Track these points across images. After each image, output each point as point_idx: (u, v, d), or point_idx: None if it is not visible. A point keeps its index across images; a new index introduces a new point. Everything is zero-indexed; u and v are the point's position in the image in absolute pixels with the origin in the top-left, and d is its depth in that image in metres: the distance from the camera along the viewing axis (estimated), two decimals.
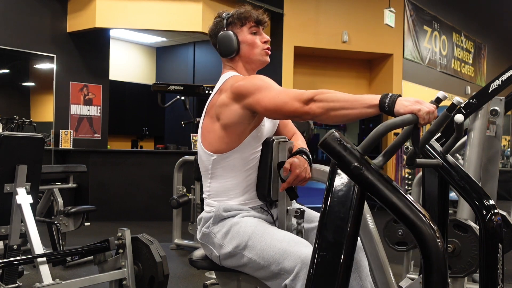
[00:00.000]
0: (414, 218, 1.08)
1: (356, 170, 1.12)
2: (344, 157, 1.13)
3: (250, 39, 1.82)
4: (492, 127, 2.62)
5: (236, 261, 1.69)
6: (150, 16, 6.38)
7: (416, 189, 3.64)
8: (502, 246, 1.95)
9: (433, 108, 1.28)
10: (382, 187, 1.12)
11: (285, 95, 1.57)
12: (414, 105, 1.27)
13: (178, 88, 4.32)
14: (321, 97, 1.47)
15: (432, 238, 1.06)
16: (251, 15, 1.81)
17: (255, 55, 1.83)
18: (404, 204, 1.10)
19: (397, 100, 1.30)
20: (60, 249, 3.63)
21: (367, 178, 1.12)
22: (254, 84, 1.65)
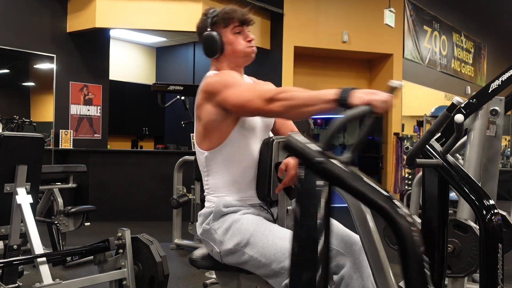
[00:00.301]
0: (382, 202, 1.09)
1: (319, 165, 1.14)
2: (307, 154, 1.16)
3: (233, 39, 1.82)
4: (492, 127, 2.62)
5: (237, 258, 1.69)
6: (150, 16, 6.38)
7: (416, 189, 3.64)
8: (502, 246, 1.95)
9: (388, 97, 1.31)
10: (346, 178, 1.13)
11: (249, 93, 1.61)
12: (369, 96, 1.31)
13: (178, 88, 4.32)
14: (281, 96, 1.50)
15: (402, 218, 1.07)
16: (235, 16, 1.81)
17: (238, 55, 1.84)
18: (370, 191, 1.11)
19: (352, 92, 1.34)
20: (60, 249, 3.63)
21: (330, 171, 1.14)
22: (221, 81, 1.69)
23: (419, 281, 1.06)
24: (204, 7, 6.20)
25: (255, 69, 8.35)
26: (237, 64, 1.87)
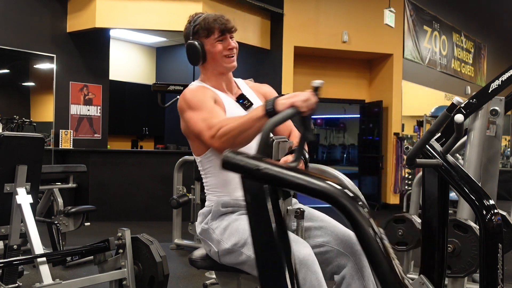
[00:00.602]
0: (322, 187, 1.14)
1: (258, 172, 1.20)
2: (243, 166, 1.22)
3: (213, 49, 1.84)
4: (492, 127, 2.62)
5: (234, 258, 1.69)
6: (150, 16, 6.38)
7: (416, 189, 3.64)
8: (502, 246, 1.95)
9: (309, 95, 1.39)
10: (284, 175, 1.18)
11: (201, 125, 1.67)
12: (290, 99, 1.40)
13: (178, 88, 4.32)
14: (220, 132, 1.58)
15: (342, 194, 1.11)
16: (215, 26, 1.82)
17: (219, 62, 1.86)
18: (311, 180, 1.16)
19: (276, 101, 1.43)
20: (60, 249, 3.63)
21: (269, 175, 1.19)
22: (187, 102, 1.75)
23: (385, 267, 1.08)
24: (204, 7, 6.21)
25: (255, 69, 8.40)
26: (221, 71, 1.89)
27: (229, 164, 1.23)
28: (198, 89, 1.82)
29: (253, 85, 2.06)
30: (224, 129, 1.57)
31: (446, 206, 2.18)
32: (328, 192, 1.12)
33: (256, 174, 1.20)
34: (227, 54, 1.85)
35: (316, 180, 1.15)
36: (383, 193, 8.31)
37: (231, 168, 1.24)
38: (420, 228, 2.76)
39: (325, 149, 18.58)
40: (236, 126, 1.55)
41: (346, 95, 8.69)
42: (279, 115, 1.35)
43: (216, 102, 1.80)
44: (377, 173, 8.35)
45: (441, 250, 2.13)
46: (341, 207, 1.11)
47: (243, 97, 1.91)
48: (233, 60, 1.87)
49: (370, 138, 8.62)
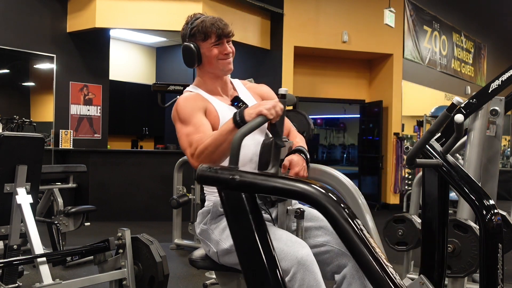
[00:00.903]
0: (297, 187, 1.18)
1: (233, 181, 1.24)
2: (219, 177, 1.26)
3: (209, 53, 1.83)
4: (492, 127, 2.62)
5: (233, 259, 1.69)
6: (150, 16, 6.38)
7: (416, 189, 3.64)
8: (502, 246, 1.95)
9: (274, 103, 1.44)
10: (259, 181, 1.23)
11: (186, 142, 1.70)
12: (257, 108, 1.45)
13: (178, 88, 4.32)
14: (197, 152, 1.61)
15: (315, 191, 1.15)
16: (212, 30, 1.80)
17: (215, 68, 1.86)
18: (284, 182, 1.22)
19: (243, 112, 1.48)
20: (60, 249, 3.63)
21: (244, 182, 1.23)
22: (178, 114, 1.77)
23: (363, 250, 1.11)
24: (204, 7, 6.20)
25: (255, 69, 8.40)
26: (216, 74, 1.89)
27: (205, 178, 1.28)
28: (189, 98, 1.82)
29: (250, 85, 2.05)
30: (200, 148, 1.60)
31: (446, 206, 2.18)
32: (301, 191, 1.17)
33: (232, 184, 1.24)
34: (222, 58, 1.84)
35: (288, 181, 1.20)
36: (383, 193, 8.31)
37: (207, 182, 1.28)
38: (420, 228, 2.76)
39: (325, 149, 18.58)
40: (210, 142, 1.57)
41: (346, 95, 8.69)
42: (247, 125, 1.38)
43: (207, 111, 1.80)
44: (377, 173, 8.35)
45: (441, 250, 2.13)
46: (314, 202, 1.15)
47: (238, 100, 1.90)
48: (229, 63, 1.87)
49: (370, 138, 8.62)
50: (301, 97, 7.60)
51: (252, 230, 1.25)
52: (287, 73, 7.41)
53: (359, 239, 1.10)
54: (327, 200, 1.13)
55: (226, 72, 1.88)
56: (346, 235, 1.12)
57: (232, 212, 1.28)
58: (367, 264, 1.09)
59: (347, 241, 1.12)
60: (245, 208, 1.26)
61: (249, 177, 1.23)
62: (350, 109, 12.95)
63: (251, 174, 1.24)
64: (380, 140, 8.33)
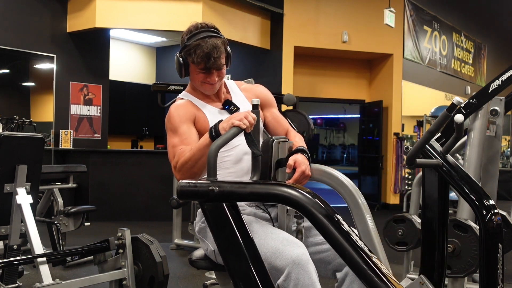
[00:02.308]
0: (278, 190, 1.21)
1: (212, 192, 1.26)
2: (199, 191, 1.28)
3: (195, 75, 1.83)
4: (492, 127, 2.62)
5: None
6: (150, 16, 6.38)
7: (416, 189, 3.64)
8: (502, 246, 1.95)
9: (246, 113, 1.50)
10: (236, 189, 1.28)
11: (171, 154, 1.77)
12: (229, 121, 1.51)
13: (178, 88, 4.32)
14: (178, 166, 1.67)
15: (291, 192, 1.18)
16: (203, 60, 1.77)
17: (198, 87, 1.88)
18: (261, 187, 1.27)
19: (218, 126, 1.56)
20: (60, 249, 3.63)
21: (223, 192, 1.26)
22: (169, 121, 1.82)
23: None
24: (204, 7, 6.20)
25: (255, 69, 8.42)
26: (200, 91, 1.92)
27: (185, 193, 1.29)
28: (179, 106, 1.84)
29: (245, 87, 2.03)
30: (180, 161, 1.66)
31: (446, 206, 2.18)
32: (278, 193, 1.20)
33: (211, 195, 1.26)
34: (207, 83, 1.84)
35: (264, 186, 1.25)
36: (383, 193, 8.31)
37: (188, 197, 1.30)
38: (420, 228, 2.76)
39: (325, 149, 18.59)
40: (189, 157, 1.63)
41: (346, 95, 8.69)
42: (222, 137, 1.42)
43: (197, 119, 1.82)
44: (377, 173, 8.35)
45: (441, 250, 2.13)
46: (293, 203, 1.18)
47: (229, 103, 1.90)
48: (212, 88, 1.86)
49: (370, 138, 8.62)
50: (301, 97, 7.60)
51: (238, 238, 1.29)
52: (287, 73, 7.41)
53: (340, 233, 1.12)
54: (305, 200, 1.16)
55: (208, 94, 1.90)
56: (326, 230, 1.14)
57: (216, 223, 1.32)
58: (350, 258, 1.11)
59: (328, 237, 1.14)
60: (228, 218, 1.29)
61: (227, 186, 1.26)
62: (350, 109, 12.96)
63: (228, 184, 1.28)
64: (380, 140, 8.34)
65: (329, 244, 1.16)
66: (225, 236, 1.30)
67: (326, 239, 1.16)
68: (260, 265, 1.29)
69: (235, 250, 1.28)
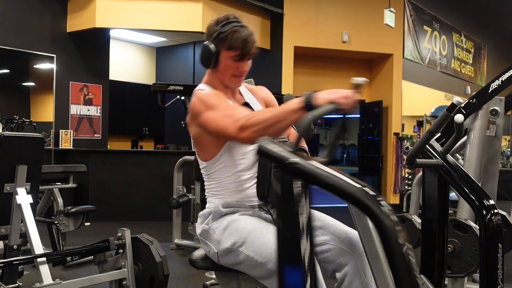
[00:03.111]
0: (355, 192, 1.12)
1: (291, 165, 1.17)
2: (279, 157, 1.19)
3: (228, 63, 1.79)
4: (492, 127, 2.62)
5: (233, 258, 1.69)
6: (150, 16, 6.38)
7: (416, 189, 3.64)
8: (502, 246, 1.95)
9: (349, 93, 1.36)
10: (318, 173, 1.16)
11: (226, 120, 1.61)
12: (331, 95, 1.38)
13: (178, 88, 4.32)
14: (250, 122, 1.52)
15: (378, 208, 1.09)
16: (240, 46, 1.76)
17: (226, 78, 1.83)
18: (344, 183, 1.14)
19: (314, 95, 1.40)
20: (60, 249, 3.63)
21: (303, 170, 1.17)
22: (204, 103, 1.70)
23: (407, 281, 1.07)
24: (204, 7, 6.20)
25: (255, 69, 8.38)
26: (224, 84, 1.87)
27: (264, 153, 1.20)
28: (212, 92, 1.79)
29: (251, 88, 2.04)
30: (253, 120, 1.52)
31: (446, 206, 2.18)
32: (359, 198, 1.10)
33: (287, 167, 1.17)
34: (235, 75, 1.82)
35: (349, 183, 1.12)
36: (383, 193, 8.31)
37: (265, 157, 1.20)
38: (420, 228, 2.76)
39: (325, 149, 18.56)
40: (268, 117, 1.50)
41: None
42: (318, 110, 1.31)
43: None
44: (377, 173, 8.34)
45: (441, 250, 2.12)
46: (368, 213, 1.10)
47: (248, 105, 1.91)
48: (239, 81, 1.86)
49: (370, 138, 8.62)
50: None
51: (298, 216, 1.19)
52: (287, 73, 7.41)
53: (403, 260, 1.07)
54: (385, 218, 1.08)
55: (233, 87, 1.88)
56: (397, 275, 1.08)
57: (281, 194, 1.21)
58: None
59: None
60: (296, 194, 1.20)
61: (310, 167, 1.16)
62: None
63: (310, 164, 1.17)
64: (380, 140, 8.33)
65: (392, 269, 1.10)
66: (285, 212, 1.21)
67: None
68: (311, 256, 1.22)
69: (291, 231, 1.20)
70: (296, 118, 1.44)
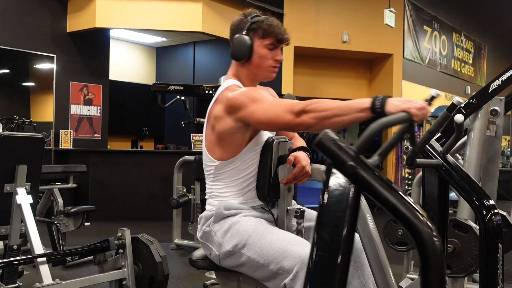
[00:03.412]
0: (411, 216, 1.07)
1: (351, 169, 1.11)
2: (339, 156, 1.12)
3: (264, 53, 1.78)
4: (492, 127, 2.62)
5: (235, 260, 1.69)
6: (150, 16, 6.38)
7: (416, 189, 3.64)
8: (502, 246, 1.95)
9: (424, 104, 1.30)
10: (377, 186, 1.11)
11: (277, 108, 1.57)
12: (405, 104, 1.30)
13: (178, 88, 4.32)
14: (312, 107, 1.48)
15: (429, 237, 1.04)
16: (275, 31, 1.77)
17: (262, 69, 1.81)
18: (400, 203, 1.09)
19: (387, 100, 1.33)
20: (60, 249, 3.63)
21: (362, 177, 1.11)
22: (248, 96, 1.65)
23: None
24: (204, 7, 6.20)
25: None
26: (256, 77, 1.84)
27: (323, 147, 1.13)
28: (250, 88, 1.76)
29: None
30: (316, 106, 1.47)
31: (446, 206, 2.18)
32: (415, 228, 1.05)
33: (348, 171, 1.12)
34: (272, 65, 1.80)
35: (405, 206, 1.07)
36: None
37: (323, 151, 1.13)
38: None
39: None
40: (332, 107, 1.44)
41: (346, 95, 8.69)
42: (391, 117, 1.22)
43: None
44: None
45: None
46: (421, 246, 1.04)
47: None
48: (275, 72, 1.83)
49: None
50: (301, 97, 7.57)
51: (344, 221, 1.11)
52: (287, 73, 7.41)
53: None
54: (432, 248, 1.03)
55: (268, 79, 1.85)
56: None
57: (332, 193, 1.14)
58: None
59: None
60: (347, 198, 1.13)
61: (369, 175, 1.11)
62: None
63: (373, 173, 1.12)
64: (380, 140, 8.34)
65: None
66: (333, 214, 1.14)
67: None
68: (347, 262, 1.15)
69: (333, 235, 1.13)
70: (361, 117, 1.39)
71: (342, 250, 1.13)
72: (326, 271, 1.14)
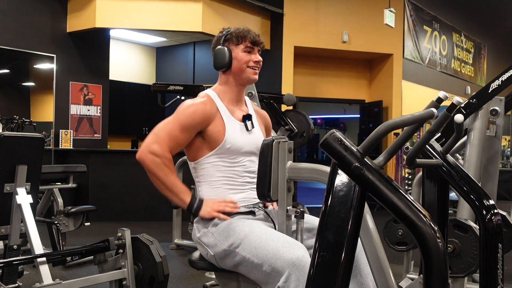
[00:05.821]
0: (415, 218, 1.08)
1: (357, 170, 1.12)
2: (345, 157, 1.13)
3: (242, 56, 1.90)
4: (492, 127, 2.62)
5: (230, 260, 1.70)
6: (150, 16, 6.38)
7: (416, 189, 3.63)
8: (502, 246, 1.95)
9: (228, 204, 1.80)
10: (382, 187, 1.12)
11: (159, 132, 1.87)
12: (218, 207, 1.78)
13: (178, 88, 4.32)
14: (159, 160, 1.81)
15: (432, 239, 1.05)
16: (248, 35, 1.90)
17: (243, 72, 1.91)
18: (404, 204, 1.10)
19: (202, 205, 1.80)
20: (60, 249, 3.63)
21: (367, 178, 1.11)
22: (179, 108, 1.88)
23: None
24: (204, 7, 6.20)
25: None
26: (241, 82, 1.94)
27: (329, 147, 1.14)
28: (198, 105, 1.85)
29: (257, 109, 2.12)
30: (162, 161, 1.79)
31: (446, 206, 2.18)
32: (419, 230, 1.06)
33: (353, 172, 1.12)
34: (252, 66, 1.91)
35: (411, 210, 1.08)
36: None
37: (329, 151, 1.14)
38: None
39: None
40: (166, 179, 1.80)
41: (346, 95, 8.69)
42: (398, 119, 1.26)
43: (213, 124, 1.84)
44: None
45: None
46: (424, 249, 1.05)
47: (249, 117, 1.96)
48: (256, 73, 1.93)
49: None
50: (301, 97, 7.60)
51: (348, 223, 1.12)
52: (287, 73, 7.41)
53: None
54: (436, 250, 1.05)
55: (251, 81, 1.94)
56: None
57: (337, 194, 1.14)
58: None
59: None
60: (351, 199, 1.13)
61: (374, 176, 1.12)
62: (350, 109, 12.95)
63: (378, 175, 1.13)
64: (380, 141, 8.34)
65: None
66: (337, 215, 1.14)
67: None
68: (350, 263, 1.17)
69: (337, 236, 1.13)
70: (177, 204, 1.85)
71: (346, 250, 1.13)
72: (329, 272, 1.13)
